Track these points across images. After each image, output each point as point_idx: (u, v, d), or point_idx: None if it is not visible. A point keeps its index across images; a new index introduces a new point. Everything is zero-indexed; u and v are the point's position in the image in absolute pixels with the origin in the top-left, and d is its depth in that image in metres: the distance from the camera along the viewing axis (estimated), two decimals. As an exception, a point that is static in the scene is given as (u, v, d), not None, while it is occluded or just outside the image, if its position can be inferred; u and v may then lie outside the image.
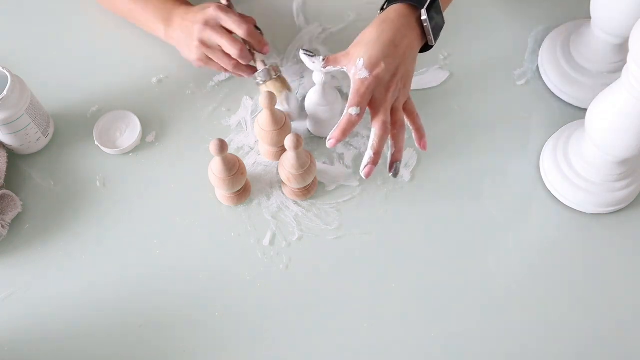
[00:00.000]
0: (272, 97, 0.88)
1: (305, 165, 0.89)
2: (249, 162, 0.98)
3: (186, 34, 0.95)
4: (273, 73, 0.97)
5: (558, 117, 1.00)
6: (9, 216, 0.93)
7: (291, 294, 0.90)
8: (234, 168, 0.89)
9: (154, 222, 0.95)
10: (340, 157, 0.98)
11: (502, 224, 0.94)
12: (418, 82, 1.03)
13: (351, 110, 0.82)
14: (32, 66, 1.04)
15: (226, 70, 0.97)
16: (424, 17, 0.85)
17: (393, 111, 0.85)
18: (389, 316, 0.88)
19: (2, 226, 0.92)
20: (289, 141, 0.85)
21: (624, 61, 0.96)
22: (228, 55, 0.95)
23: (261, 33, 0.98)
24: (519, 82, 1.04)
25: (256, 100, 1.02)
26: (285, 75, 1.03)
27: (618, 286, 0.90)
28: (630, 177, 0.92)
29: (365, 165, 0.83)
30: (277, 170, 0.95)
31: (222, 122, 1.01)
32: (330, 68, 0.86)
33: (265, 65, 0.97)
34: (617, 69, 0.98)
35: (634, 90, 0.77)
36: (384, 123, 0.83)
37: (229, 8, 0.97)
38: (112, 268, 0.92)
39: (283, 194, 0.96)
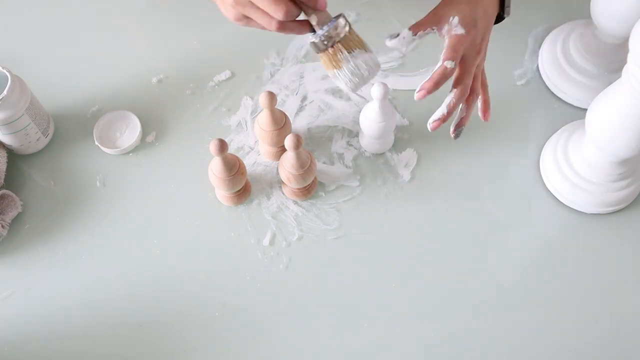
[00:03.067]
0: (272, 97, 0.88)
1: (305, 165, 0.89)
2: (249, 162, 0.98)
3: None
4: (335, 35, 0.74)
5: (558, 117, 1.00)
6: (9, 216, 0.93)
7: (291, 294, 0.90)
8: (234, 168, 0.89)
9: (154, 222, 0.95)
10: (340, 157, 0.98)
11: (502, 224, 0.94)
12: (418, 81, 1.03)
13: (447, 64, 0.78)
14: (32, 66, 1.04)
15: (272, 30, 0.78)
16: None
17: (473, 78, 0.84)
18: (389, 316, 0.88)
19: (2, 226, 0.92)
20: (289, 141, 0.85)
21: (624, 61, 0.96)
22: (268, 16, 0.75)
23: None
24: (519, 82, 1.04)
25: (256, 100, 1.02)
26: (285, 75, 1.03)
27: (618, 286, 0.90)
28: (630, 177, 0.92)
29: (435, 120, 0.82)
30: (277, 170, 0.95)
31: (222, 122, 1.01)
32: (421, 33, 0.81)
33: (321, 26, 0.74)
34: (617, 69, 0.98)
35: (634, 90, 0.77)
36: (467, 86, 0.82)
37: None
38: (112, 268, 0.92)
39: (283, 194, 0.96)
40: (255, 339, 0.88)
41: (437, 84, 0.79)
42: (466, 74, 0.81)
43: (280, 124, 0.92)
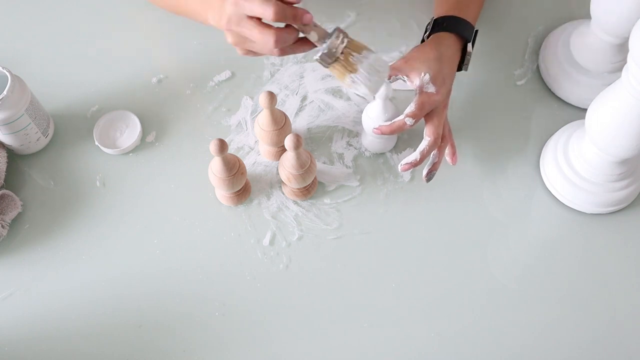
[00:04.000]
0: (272, 97, 0.88)
1: (305, 165, 0.89)
2: (249, 162, 0.98)
3: (221, 27, 0.82)
4: (340, 43, 0.76)
5: (558, 117, 1.00)
6: (9, 216, 0.93)
7: (291, 294, 0.90)
8: (234, 168, 0.89)
9: (154, 222, 0.95)
10: (340, 157, 0.98)
11: (502, 224, 0.94)
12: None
13: (407, 120, 0.87)
14: (32, 66, 1.05)
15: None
16: (470, 50, 0.92)
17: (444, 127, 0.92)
18: (388, 316, 0.88)
19: (2, 226, 0.92)
20: (289, 141, 0.85)
21: (624, 61, 0.96)
22: (264, 30, 0.77)
23: None
24: (519, 82, 1.04)
25: (256, 100, 1.02)
26: (285, 75, 1.03)
27: (618, 286, 0.90)
28: (630, 177, 0.92)
29: (407, 163, 0.89)
30: (277, 170, 0.95)
31: (222, 122, 1.01)
32: (393, 78, 0.89)
33: (323, 41, 0.77)
34: (617, 69, 0.98)
35: (634, 90, 0.77)
36: (439, 136, 0.89)
37: None
38: (112, 268, 0.92)
39: (283, 194, 0.96)
40: (255, 339, 0.88)
41: (391, 132, 0.88)
42: (437, 126, 0.89)
43: (280, 124, 0.92)
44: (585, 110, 0.87)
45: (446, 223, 0.94)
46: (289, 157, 0.88)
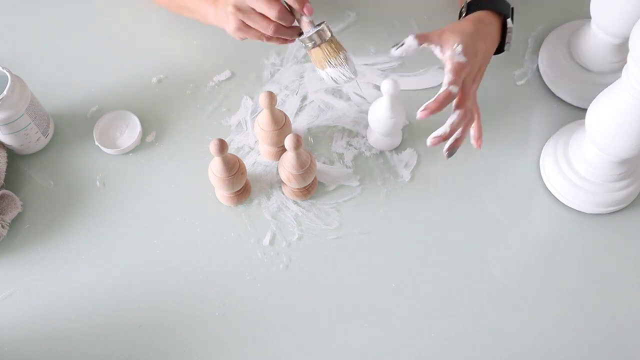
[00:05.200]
0: (272, 97, 0.88)
1: (305, 165, 0.89)
2: (249, 162, 0.98)
3: (224, 5, 0.90)
4: (325, 34, 0.86)
5: (558, 117, 1.00)
6: (9, 216, 0.93)
7: (291, 294, 0.90)
8: (234, 168, 0.89)
9: (154, 222, 0.95)
10: (340, 157, 0.98)
11: (502, 224, 0.94)
12: (418, 82, 1.03)
13: (452, 88, 0.84)
14: (32, 66, 1.05)
15: (268, 39, 0.90)
16: (510, 25, 0.90)
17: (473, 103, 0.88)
18: (388, 316, 0.88)
19: (2, 226, 0.92)
20: (289, 141, 0.85)
21: (624, 61, 0.96)
22: (267, 19, 0.87)
23: None
24: (519, 82, 1.04)
25: (256, 100, 1.02)
26: (285, 75, 1.04)
27: (618, 286, 0.90)
28: (630, 177, 0.92)
29: (436, 136, 0.85)
30: (277, 170, 0.95)
31: (222, 122, 1.01)
32: (425, 45, 0.86)
33: (313, 25, 0.86)
34: (617, 69, 0.98)
35: (634, 90, 0.77)
36: (468, 109, 0.86)
37: None
38: (112, 268, 0.92)
39: (283, 194, 0.96)
40: (255, 339, 0.88)
41: (441, 105, 0.83)
42: (466, 98, 0.86)
43: (280, 124, 0.92)
44: (585, 110, 0.87)
45: (446, 223, 0.94)
46: (289, 157, 0.88)
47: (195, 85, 1.04)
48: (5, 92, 0.90)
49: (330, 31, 0.87)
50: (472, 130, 0.90)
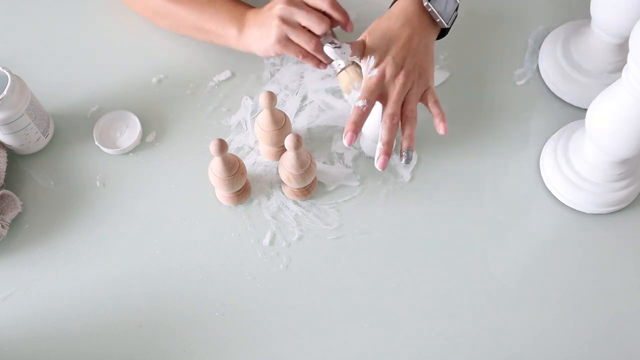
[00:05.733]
0: (272, 97, 0.88)
1: (305, 165, 0.89)
2: (249, 162, 0.98)
3: (261, 23, 0.93)
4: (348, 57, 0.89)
5: (558, 117, 1.00)
6: (9, 216, 0.93)
7: (291, 294, 0.90)
8: (234, 168, 0.89)
9: (154, 222, 0.95)
10: (340, 157, 0.98)
11: (502, 224, 0.94)
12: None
13: (358, 103, 0.85)
14: (32, 66, 1.04)
15: (303, 56, 0.93)
16: (426, 2, 0.88)
17: (404, 103, 0.87)
18: (388, 316, 0.88)
19: (2, 226, 0.92)
20: (289, 141, 0.85)
21: (624, 61, 0.96)
22: (310, 34, 0.92)
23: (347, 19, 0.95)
24: (519, 82, 1.04)
25: (256, 100, 1.02)
26: (285, 75, 1.04)
27: (618, 286, 0.90)
28: (630, 177, 0.92)
29: (378, 157, 0.85)
30: (277, 170, 0.95)
31: (222, 122, 1.01)
32: (355, 58, 0.87)
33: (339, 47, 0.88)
34: (617, 69, 0.98)
35: (634, 90, 0.77)
36: (391, 115, 0.85)
37: None
38: (112, 268, 0.92)
39: (283, 194, 0.96)
40: (255, 339, 0.88)
41: (356, 123, 0.84)
42: (388, 106, 0.86)
43: (280, 124, 0.92)
44: (585, 110, 0.87)
45: (446, 223, 0.94)
46: (289, 157, 0.88)
47: (195, 85, 1.04)
48: (5, 92, 0.90)
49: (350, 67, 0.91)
50: (435, 120, 0.88)
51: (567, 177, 0.93)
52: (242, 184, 0.91)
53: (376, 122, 0.91)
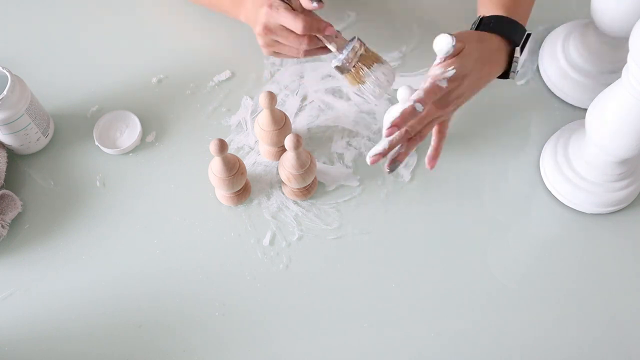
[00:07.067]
0: (272, 97, 0.88)
1: (305, 165, 0.89)
2: (249, 162, 0.98)
3: (252, 22, 0.92)
4: (354, 57, 0.87)
5: (558, 117, 1.00)
6: (9, 216, 0.93)
7: (291, 294, 0.90)
8: (234, 168, 0.89)
9: (154, 222, 0.95)
10: (340, 157, 0.98)
11: (502, 224, 0.94)
12: (418, 82, 1.03)
13: (417, 105, 0.80)
14: (32, 66, 1.04)
15: (305, 53, 0.91)
16: (517, 55, 0.87)
17: (426, 125, 0.85)
18: (388, 316, 0.88)
19: (2, 226, 0.92)
20: (289, 141, 0.85)
21: (624, 61, 0.96)
22: (296, 35, 0.89)
23: (320, 2, 0.87)
24: (519, 82, 1.04)
25: (256, 100, 1.02)
26: (285, 75, 1.03)
27: (618, 286, 0.90)
28: (630, 177, 0.92)
29: (375, 154, 0.82)
30: (277, 170, 0.95)
31: (222, 122, 1.01)
32: (447, 52, 0.82)
33: (341, 44, 0.88)
34: (617, 69, 0.98)
35: (634, 90, 0.77)
36: (413, 129, 0.83)
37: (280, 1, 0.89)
38: (112, 268, 0.92)
39: (283, 194, 0.96)
40: (255, 339, 0.88)
41: (405, 120, 0.80)
42: (418, 120, 0.83)
43: (280, 124, 0.92)
44: (585, 110, 0.87)
45: (446, 223, 0.94)
46: (289, 157, 0.88)
47: (195, 85, 1.04)
48: (5, 92, 0.90)
49: (361, 47, 0.88)
50: (430, 150, 0.87)
51: (567, 177, 0.93)
52: (242, 184, 0.91)
53: None
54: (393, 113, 0.91)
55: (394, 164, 0.85)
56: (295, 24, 0.87)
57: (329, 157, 0.98)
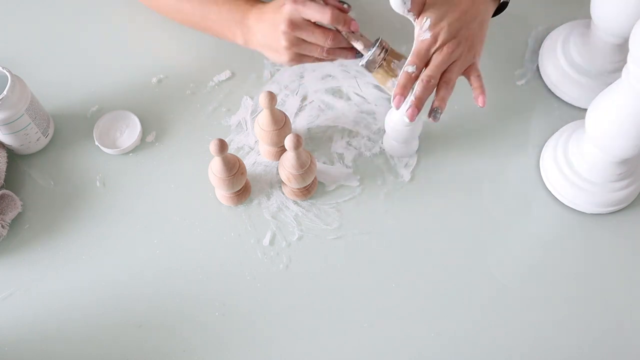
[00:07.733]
0: (272, 97, 0.88)
1: (305, 165, 0.89)
2: (249, 162, 0.98)
3: (270, 40, 0.91)
4: (381, 52, 0.89)
5: (558, 117, 1.00)
6: (9, 216, 0.93)
7: (291, 294, 0.90)
8: (234, 168, 0.89)
9: (154, 222, 0.95)
10: (340, 157, 0.98)
11: (502, 224, 0.94)
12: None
13: (407, 68, 0.84)
14: (32, 66, 1.04)
15: (329, 53, 0.92)
16: None
17: (445, 71, 0.86)
18: (388, 316, 0.88)
19: (2, 226, 0.92)
20: (289, 141, 0.85)
21: (624, 61, 0.95)
22: (324, 30, 0.90)
23: (348, 6, 0.92)
24: (519, 82, 1.04)
25: (256, 100, 1.02)
26: (285, 75, 1.04)
27: (618, 286, 0.90)
28: (630, 177, 0.92)
29: (408, 107, 0.84)
30: (277, 170, 0.95)
31: (222, 122, 1.01)
32: (410, 15, 0.85)
33: (371, 45, 0.89)
34: (617, 69, 0.98)
35: (634, 90, 0.77)
36: (428, 77, 0.84)
37: None
38: (112, 268, 0.92)
39: (283, 194, 0.96)
40: (255, 339, 0.88)
41: (405, 87, 0.84)
42: (430, 67, 0.85)
43: (280, 124, 0.92)
44: (585, 110, 0.87)
45: (446, 223, 0.94)
46: (289, 157, 0.88)
47: (195, 85, 1.04)
48: (5, 92, 0.90)
49: (384, 51, 0.88)
50: (474, 92, 0.88)
51: (567, 177, 0.93)
52: (242, 184, 0.91)
53: (398, 121, 0.90)
54: (394, 114, 0.91)
55: (434, 113, 0.86)
56: (323, 14, 0.86)
57: (329, 157, 0.98)
